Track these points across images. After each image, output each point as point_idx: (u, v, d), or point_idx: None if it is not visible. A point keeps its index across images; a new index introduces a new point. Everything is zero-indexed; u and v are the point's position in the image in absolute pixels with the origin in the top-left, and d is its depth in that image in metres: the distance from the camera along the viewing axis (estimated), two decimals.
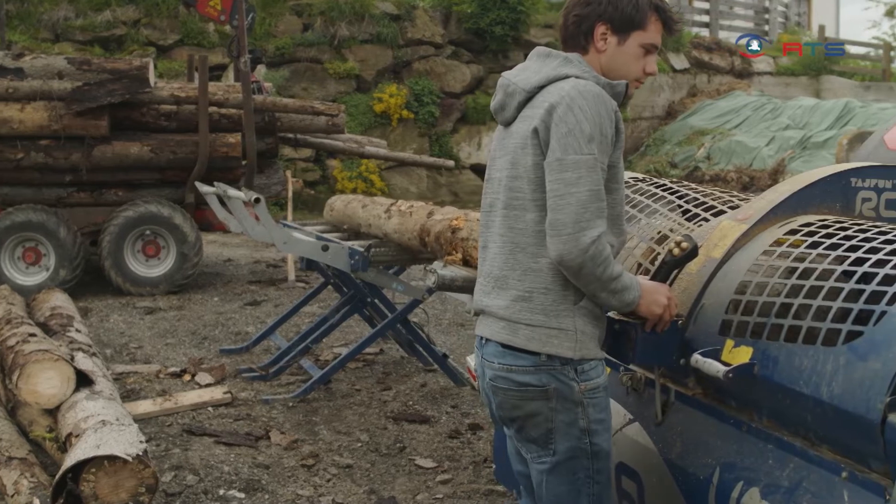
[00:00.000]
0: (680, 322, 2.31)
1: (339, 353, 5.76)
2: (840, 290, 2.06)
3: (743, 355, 2.15)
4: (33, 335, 4.62)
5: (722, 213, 2.71)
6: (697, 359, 2.21)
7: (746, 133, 15.93)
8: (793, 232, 2.37)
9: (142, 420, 4.58)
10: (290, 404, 5.04)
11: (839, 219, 2.42)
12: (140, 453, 3.31)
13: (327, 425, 4.75)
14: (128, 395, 5.11)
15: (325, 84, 14.98)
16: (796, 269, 2.21)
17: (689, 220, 2.78)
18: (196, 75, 8.83)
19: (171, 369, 5.66)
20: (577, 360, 2.20)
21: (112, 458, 3.24)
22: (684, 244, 2.32)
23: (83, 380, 4.11)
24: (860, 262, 2.10)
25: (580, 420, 2.23)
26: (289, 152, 13.44)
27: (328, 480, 4.05)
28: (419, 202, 5.09)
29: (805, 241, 2.30)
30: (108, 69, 7.94)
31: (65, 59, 8.26)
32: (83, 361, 4.48)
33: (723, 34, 20.26)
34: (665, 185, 3.05)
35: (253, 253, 10.76)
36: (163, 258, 8.22)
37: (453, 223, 4.11)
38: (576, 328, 2.20)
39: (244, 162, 8.46)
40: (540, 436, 2.26)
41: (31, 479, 3.39)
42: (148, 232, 8.12)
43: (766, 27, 21.46)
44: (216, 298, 8.09)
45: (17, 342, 4.45)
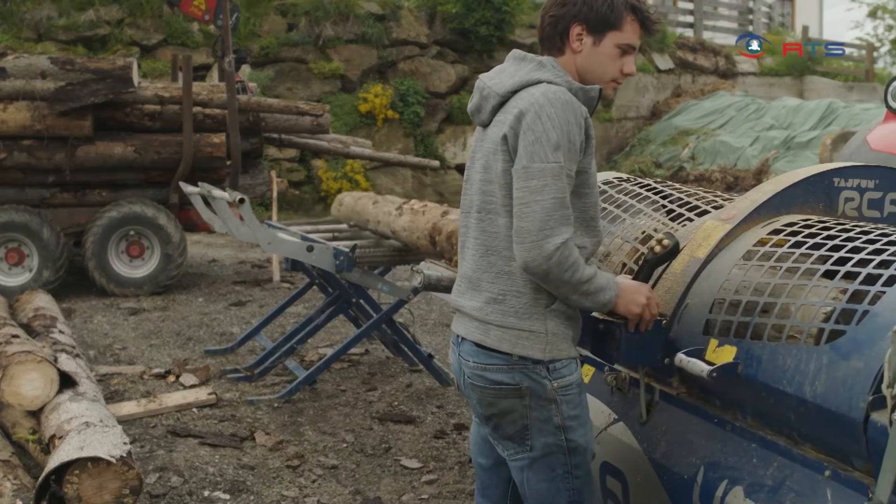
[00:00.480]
0: (664, 322, 2.32)
1: (325, 354, 5.74)
2: (823, 289, 2.07)
3: (727, 355, 2.16)
4: (16, 336, 4.58)
5: (706, 212, 2.73)
6: (682, 358, 2.22)
7: (731, 133, 16.00)
8: (776, 232, 2.38)
9: (126, 421, 4.56)
10: (276, 405, 5.03)
11: (822, 218, 2.43)
12: (124, 455, 3.29)
13: (312, 426, 4.74)
14: (112, 397, 5.08)
15: (309, 84, 14.94)
16: (779, 268, 2.22)
17: (673, 219, 2.79)
18: (180, 75, 8.79)
19: (156, 370, 5.64)
20: (547, 360, 2.22)
21: (96, 460, 3.22)
22: (665, 241, 2.33)
23: (67, 381, 4.08)
24: (843, 261, 2.11)
25: (554, 417, 2.25)
26: (273, 152, 13.40)
27: (313, 481, 4.04)
28: (433, 203, 5.09)
29: (788, 241, 2.31)
30: (92, 69, 7.88)
31: (48, 58, 8.18)
32: (66, 363, 4.44)
33: (707, 34, 20.37)
34: (649, 185, 3.06)
35: (238, 253, 10.73)
36: (147, 259, 8.19)
37: None
38: (546, 330, 2.22)
39: (229, 162, 8.42)
40: (516, 433, 2.29)
41: (14, 482, 3.37)
42: (132, 232, 8.08)
43: (751, 27, 21.55)
44: (201, 299, 8.06)
45: (0, 343, 4.42)
